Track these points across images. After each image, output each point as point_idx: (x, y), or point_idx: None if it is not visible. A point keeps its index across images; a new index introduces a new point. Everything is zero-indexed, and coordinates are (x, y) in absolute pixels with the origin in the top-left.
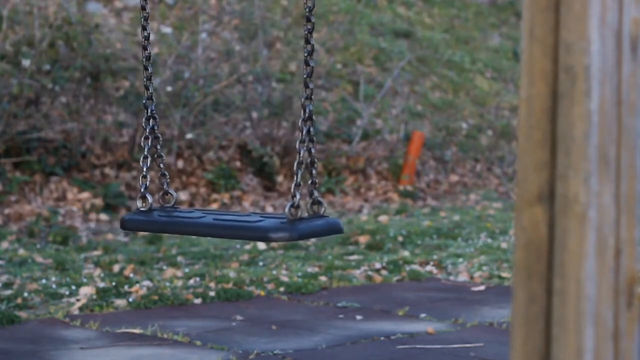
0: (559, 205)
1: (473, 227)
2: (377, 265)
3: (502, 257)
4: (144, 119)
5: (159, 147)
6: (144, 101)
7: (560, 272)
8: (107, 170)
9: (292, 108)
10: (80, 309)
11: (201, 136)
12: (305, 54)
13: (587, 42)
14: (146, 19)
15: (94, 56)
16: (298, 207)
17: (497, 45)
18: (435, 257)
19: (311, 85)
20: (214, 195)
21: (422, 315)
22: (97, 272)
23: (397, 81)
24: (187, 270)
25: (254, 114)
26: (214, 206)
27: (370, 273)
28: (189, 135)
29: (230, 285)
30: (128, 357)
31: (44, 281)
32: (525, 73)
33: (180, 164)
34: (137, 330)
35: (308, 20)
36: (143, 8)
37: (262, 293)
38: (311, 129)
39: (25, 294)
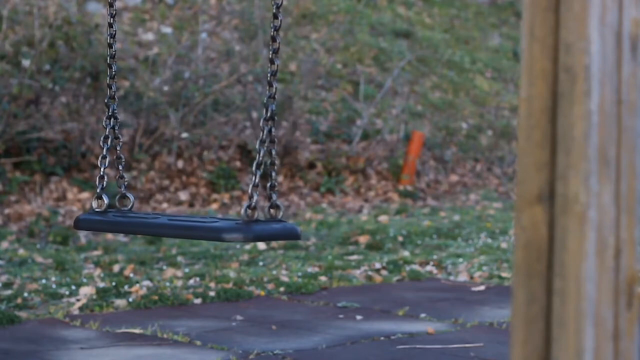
0: (559, 205)
1: (473, 227)
2: (377, 265)
3: (502, 257)
4: (104, 118)
5: (118, 148)
6: (105, 100)
7: (560, 272)
8: (107, 170)
9: (292, 108)
10: (80, 309)
11: (201, 136)
12: (271, 52)
13: (587, 42)
14: (113, 16)
15: (94, 56)
16: (255, 208)
17: (497, 45)
18: (435, 257)
19: (275, 84)
20: (214, 195)
21: (422, 315)
22: (97, 272)
23: (397, 81)
24: (187, 270)
25: (254, 114)
26: (214, 206)
27: (370, 273)
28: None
29: (230, 285)
30: (128, 357)
31: (44, 281)
32: (525, 73)
33: (180, 164)
34: (137, 330)
35: (275, 17)
36: (111, 5)
37: (262, 293)
38: (272, 129)
39: (25, 294)
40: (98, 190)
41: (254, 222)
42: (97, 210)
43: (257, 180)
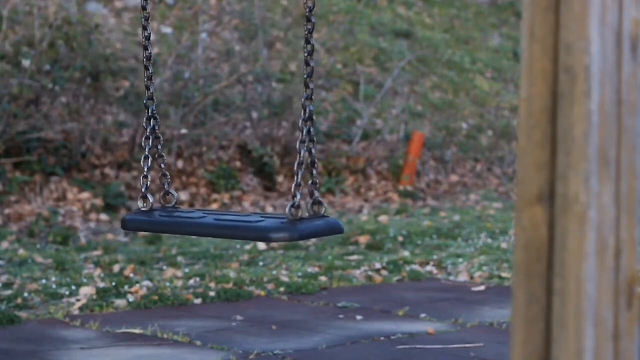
0: (559, 205)
1: (473, 227)
2: (377, 265)
3: (502, 257)
4: (144, 119)
5: (159, 147)
6: (144, 101)
7: (560, 272)
8: (107, 170)
9: (292, 108)
10: (80, 309)
11: (201, 136)
12: (306, 54)
13: (587, 42)
14: (147, 19)
15: (94, 56)
16: (299, 207)
17: (497, 45)
18: (435, 257)
19: (311, 85)
20: (214, 195)
21: (422, 315)
22: (97, 272)
23: (397, 81)
24: (187, 270)
25: (254, 114)
26: (214, 206)
27: (370, 273)
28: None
29: (230, 285)
30: (128, 357)
31: (44, 281)
32: (525, 73)
33: (180, 164)
34: (137, 330)
35: (308, 20)
36: (144, 8)
37: (262, 293)
38: (311, 129)
39: (25, 294)
40: (142, 190)
41: (299, 220)
42: (142, 209)
43: (299, 180)
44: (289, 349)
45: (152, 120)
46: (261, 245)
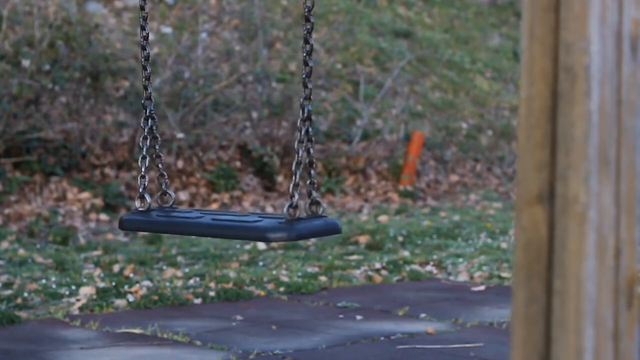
0: (559, 205)
1: (473, 227)
2: (377, 265)
3: (502, 257)
4: (142, 119)
5: (157, 147)
6: (142, 101)
7: (560, 272)
8: (107, 170)
9: (292, 108)
10: (80, 309)
11: (201, 136)
12: (304, 54)
13: (587, 42)
14: (145, 19)
15: (94, 56)
16: (296, 207)
17: (497, 45)
18: (435, 257)
19: (310, 86)
20: (214, 195)
21: (422, 315)
22: (97, 272)
23: (397, 81)
24: (187, 270)
25: (254, 114)
26: (214, 206)
27: (370, 273)
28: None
29: (230, 285)
30: (128, 357)
31: (44, 281)
32: (525, 73)
33: (180, 164)
34: (137, 330)
35: (307, 20)
36: (142, 8)
37: (262, 293)
38: (310, 129)
39: (25, 294)
40: (140, 190)
41: (296, 221)
42: (140, 209)
43: (297, 180)
44: (289, 349)
45: (150, 120)
46: (261, 245)
